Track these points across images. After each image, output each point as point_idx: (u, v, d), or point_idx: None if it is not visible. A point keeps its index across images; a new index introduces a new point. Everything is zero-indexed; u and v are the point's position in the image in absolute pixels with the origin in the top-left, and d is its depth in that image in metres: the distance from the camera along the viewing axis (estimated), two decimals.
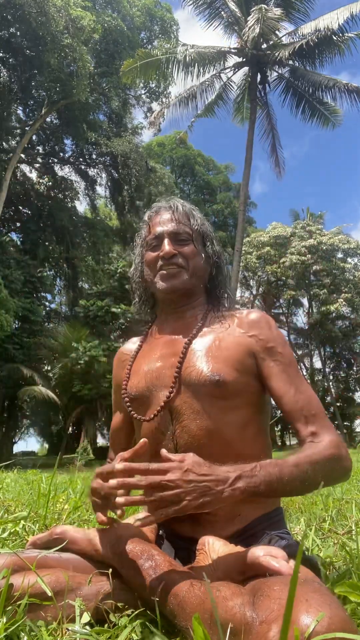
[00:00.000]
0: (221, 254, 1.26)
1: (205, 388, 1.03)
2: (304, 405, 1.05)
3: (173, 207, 1.21)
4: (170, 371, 1.08)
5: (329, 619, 0.62)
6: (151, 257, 1.18)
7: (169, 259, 1.14)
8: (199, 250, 1.19)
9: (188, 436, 1.04)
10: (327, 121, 16.18)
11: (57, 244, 25.43)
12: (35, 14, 17.18)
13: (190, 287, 1.17)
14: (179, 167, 37.11)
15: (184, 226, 1.18)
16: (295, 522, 2.04)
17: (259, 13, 13.23)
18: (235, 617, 0.71)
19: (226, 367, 1.05)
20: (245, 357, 1.08)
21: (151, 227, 1.21)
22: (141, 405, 1.12)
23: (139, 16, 25.09)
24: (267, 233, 27.49)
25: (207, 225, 1.25)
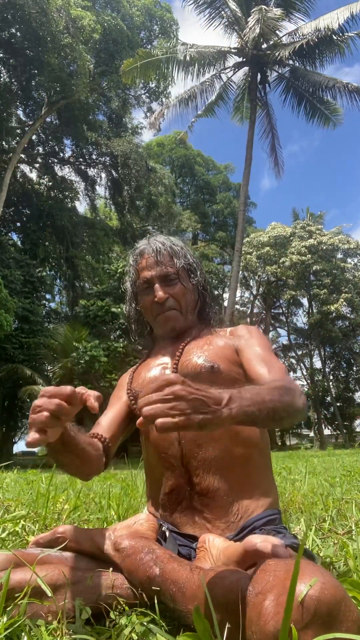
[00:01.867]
0: (206, 282, 1.37)
1: (202, 375, 1.12)
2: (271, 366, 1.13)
3: (156, 249, 1.29)
4: (168, 369, 1.20)
5: (321, 584, 0.65)
6: (147, 302, 1.29)
7: (162, 304, 1.26)
8: (187, 286, 1.30)
9: None
10: (327, 121, 16.19)
11: (57, 244, 25.41)
12: (35, 14, 17.17)
13: (186, 325, 1.30)
14: (179, 167, 37.09)
15: (170, 268, 1.27)
16: (295, 522, 2.04)
17: (259, 13, 13.24)
18: (232, 592, 0.74)
19: (218, 358, 1.17)
20: (232, 351, 1.20)
21: (139, 272, 1.30)
22: None
23: (139, 16, 25.08)
24: (267, 233, 27.50)
25: (189, 256, 1.34)
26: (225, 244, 34.74)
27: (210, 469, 1.06)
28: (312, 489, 3.12)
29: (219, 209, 36.91)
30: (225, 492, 1.05)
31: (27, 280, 21.29)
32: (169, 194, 26.21)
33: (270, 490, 1.14)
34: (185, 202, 37.66)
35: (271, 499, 1.12)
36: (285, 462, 6.78)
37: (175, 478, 1.10)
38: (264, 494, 1.10)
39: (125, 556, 0.95)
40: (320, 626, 0.63)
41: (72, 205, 26.93)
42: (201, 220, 35.10)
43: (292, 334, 31.28)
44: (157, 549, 0.94)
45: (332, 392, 28.47)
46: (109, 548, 0.99)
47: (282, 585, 0.68)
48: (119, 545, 0.97)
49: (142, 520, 1.09)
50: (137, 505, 2.36)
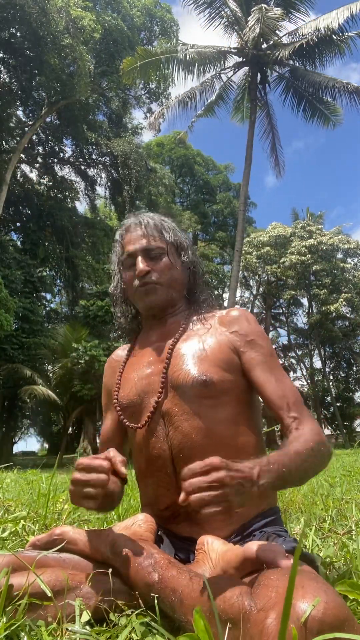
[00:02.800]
0: (197, 261, 1.29)
1: (194, 389, 1.06)
2: (285, 393, 1.07)
3: (143, 222, 1.23)
4: (157, 377, 1.12)
5: (324, 604, 0.64)
6: (129, 277, 1.22)
7: (144, 277, 1.17)
8: (174, 262, 1.22)
9: (181, 436, 1.06)
10: (327, 121, 16.19)
11: (57, 244, 25.42)
12: (35, 15, 17.17)
13: (168, 300, 1.21)
14: (179, 167, 37.08)
15: (156, 241, 1.21)
16: (295, 522, 2.04)
17: (259, 13, 13.23)
18: (233, 606, 0.72)
19: (212, 367, 1.08)
20: (229, 354, 1.11)
21: (124, 246, 1.23)
22: (133, 413, 1.14)
23: (139, 16, 25.09)
24: (267, 233, 27.49)
25: (180, 234, 1.27)
26: (225, 244, 34.73)
27: None
28: (312, 489, 3.12)
29: (219, 209, 36.91)
30: None
31: (27, 280, 21.30)
32: (169, 194, 26.23)
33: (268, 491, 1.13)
34: (185, 202, 37.66)
35: (269, 499, 1.11)
36: None
37: (171, 496, 1.06)
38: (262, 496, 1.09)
39: (123, 560, 0.92)
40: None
41: (72, 205, 26.94)
42: (201, 220, 35.10)
43: (292, 334, 31.28)
44: (156, 553, 0.92)
45: (332, 392, 28.45)
46: (107, 550, 0.97)
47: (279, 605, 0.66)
48: (117, 549, 0.95)
49: (141, 521, 1.07)
50: (137, 505, 2.35)
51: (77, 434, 26.60)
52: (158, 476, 1.09)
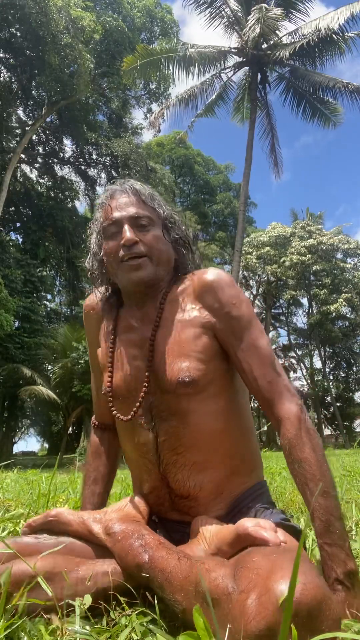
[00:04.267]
0: (187, 236, 1.18)
1: (179, 389, 1.03)
2: (259, 374, 1.03)
3: (130, 189, 1.13)
4: (142, 373, 1.07)
5: (302, 585, 0.66)
6: (111, 247, 1.09)
7: (130, 247, 1.07)
8: (161, 235, 1.12)
9: (167, 427, 1.05)
10: (327, 121, 16.20)
11: (58, 244, 25.42)
12: (35, 14, 17.17)
13: (155, 277, 1.11)
14: (179, 167, 37.09)
15: (144, 210, 1.10)
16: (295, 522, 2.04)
17: (259, 12, 13.22)
18: (218, 587, 0.74)
19: (193, 363, 1.03)
20: (205, 337, 1.05)
21: (107, 213, 1.12)
22: (121, 403, 1.12)
23: (140, 17, 25.10)
24: (267, 233, 27.49)
25: (168, 207, 1.18)
26: (225, 244, 34.73)
27: (191, 473, 1.03)
28: None
29: (219, 209, 36.91)
30: (208, 490, 1.03)
31: (28, 280, 21.30)
32: (169, 194, 26.18)
33: (254, 462, 1.12)
34: (185, 202, 37.66)
35: (256, 471, 1.12)
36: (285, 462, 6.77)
37: (153, 481, 1.07)
38: (249, 469, 1.09)
39: (115, 541, 0.94)
40: (300, 627, 0.63)
41: (72, 206, 26.94)
42: (201, 220, 35.10)
43: (292, 334, 31.27)
44: (146, 534, 0.94)
45: (332, 392, 28.45)
46: (100, 531, 0.99)
47: (263, 585, 0.68)
48: (110, 530, 0.97)
49: (133, 502, 1.09)
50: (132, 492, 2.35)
51: (77, 434, 26.58)
52: (142, 462, 1.09)
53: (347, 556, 0.89)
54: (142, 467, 1.09)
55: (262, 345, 1.05)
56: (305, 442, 0.96)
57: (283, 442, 1.00)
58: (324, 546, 0.90)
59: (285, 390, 1.02)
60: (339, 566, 0.87)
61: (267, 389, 1.02)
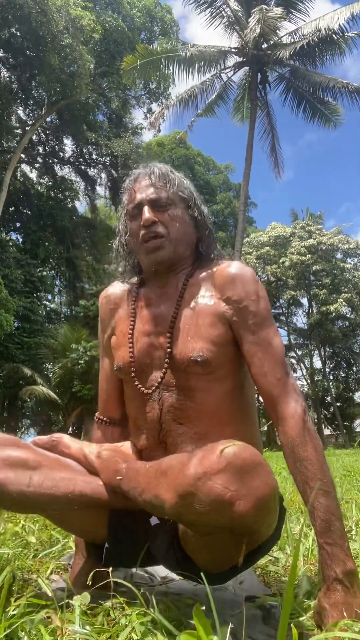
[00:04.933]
0: (206, 215, 1.22)
1: (190, 367, 1.07)
2: (269, 369, 1.06)
3: (152, 172, 1.18)
4: (158, 350, 1.12)
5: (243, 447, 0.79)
6: (133, 227, 1.16)
7: (149, 227, 1.12)
8: (182, 214, 1.17)
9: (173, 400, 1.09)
10: (328, 121, 16.20)
11: (57, 244, 25.42)
12: (35, 14, 17.17)
13: (175, 256, 1.15)
14: (179, 167, 37.06)
15: (163, 191, 1.15)
16: (295, 522, 2.04)
17: (259, 13, 13.22)
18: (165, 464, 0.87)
19: (207, 344, 1.06)
20: (221, 327, 1.09)
21: (130, 195, 1.18)
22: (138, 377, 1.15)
23: (140, 17, 25.09)
24: (267, 233, 27.49)
25: (189, 187, 1.22)
26: (225, 244, 34.72)
27: (189, 444, 1.06)
28: None
29: (219, 209, 36.90)
30: None
31: (28, 279, 21.30)
32: None
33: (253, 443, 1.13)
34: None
35: None
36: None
37: (150, 445, 1.12)
38: None
39: (102, 460, 1.07)
40: (232, 474, 0.74)
41: (72, 206, 26.93)
42: None
43: (292, 334, 31.27)
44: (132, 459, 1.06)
45: (332, 392, 28.45)
46: (92, 456, 1.10)
47: (210, 450, 0.79)
48: (101, 454, 1.10)
49: (125, 445, 1.17)
50: None
51: (77, 434, 26.58)
52: (145, 426, 1.13)
53: (347, 556, 0.89)
54: (141, 432, 1.14)
55: (276, 343, 1.09)
56: (307, 442, 0.98)
57: (285, 440, 1.01)
58: (324, 545, 0.91)
59: (292, 390, 1.05)
60: (339, 565, 0.88)
61: (274, 385, 1.05)
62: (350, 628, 0.78)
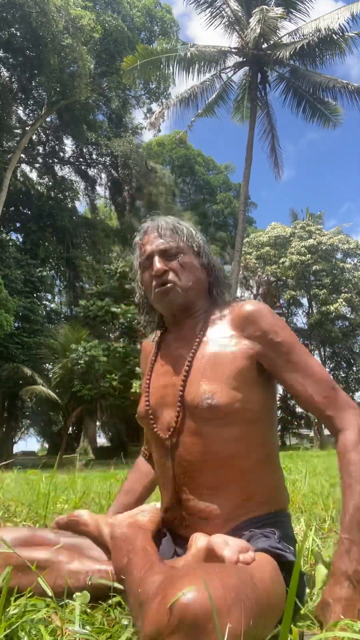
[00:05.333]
0: (215, 261, 1.28)
1: (200, 410, 1.05)
2: (314, 391, 1.06)
3: (159, 224, 1.24)
4: (173, 391, 1.11)
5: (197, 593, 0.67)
6: (146, 278, 1.22)
7: (161, 277, 1.16)
8: (191, 262, 1.21)
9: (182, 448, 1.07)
10: (327, 121, 16.19)
11: (57, 244, 25.42)
12: (35, 14, 17.17)
13: (187, 301, 1.18)
14: (179, 167, 37.09)
15: (172, 241, 1.20)
16: (295, 522, 2.04)
17: (260, 13, 13.22)
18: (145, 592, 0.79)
19: (220, 387, 1.05)
20: (244, 365, 1.07)
21: (141, 248, 1.24)
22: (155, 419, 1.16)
23: (139, 17, 25.10)
24: (267, 233, 27.49)
25: (196, 235, 1.26)
26: (225, 244, 34.74)
27: (202, 496, 1.03)
28: (312, 489, 3.11)
29: (219, 209, 36.92)
30: (218, 514, 1.03)
31: (28, 279, 21.31)
32: (169, 194, 26.22)
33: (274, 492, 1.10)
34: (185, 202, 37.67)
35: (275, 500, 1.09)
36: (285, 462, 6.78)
37: (169, 498, 1.10)
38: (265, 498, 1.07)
39: (114, 544, 1.02)
40: (185, 634, 0.65)
41: (72, 206, 26.95)
42: (201, 220, 35.09)
43: None
44: (140, 540, 0.98)
45: None
46: (107, 535, 1.08)
47: (167, 590, 0.70)
48: (114, 533, 1.05)
49: (145, 511, 1.12)
50: None
51: (77, 434, 26.61)
52: (162, 479, 1.13)
53: None
54: (162, 483, 1.14)
55: (313, 364, 1.09)
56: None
57: (340, 447, 1.03)
58: (344, 540, 0.92)
59: (344, 404, 1.06)
60: (352, 562, 0.89)
61: (324, 404, 1.05)
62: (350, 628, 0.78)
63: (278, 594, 0.82)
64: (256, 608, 0.72)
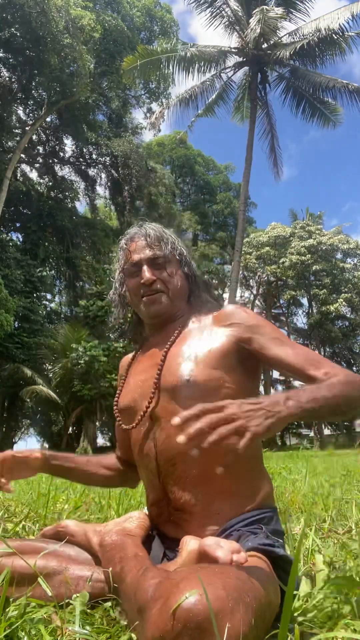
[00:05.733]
0: (195, 270, 1.32)
1: (179, 390, 1.06)
2: (307, 356, 1.07)
3: (146, 233, 1.27)
4: (151, 382, 1.13)
5: (198, 596, 0.66)
6: (133, 284, 1.24)
7: (150, 286, 1.20)
8: (176, 271, 1.25)
9: (165, 436, 1.07)
10: (327, 121, 16.20)
11: (57, 244, 25.42)
12: (35, 14, 17.17)
13: (172, 308, 1.23)
14: (179, 167, 37.09)
15: (159, 251, 1.24)
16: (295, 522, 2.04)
17: (260, 13, 13.22)
18: (142, 596, 0.78)
19: (199, 367, 1.08)
20: (226, 349, 1.10)
21: (129, 255, 1.27)
22: (129, 416, 1.18)
23: (139, 16, 25.10)
24: (267, 233, 27.50)
25: (179, 244, 1.30)
26: (225, 244, 34.74)
27: (187, 486, 1.03)
28: (312, 489, 3.12)
29: (219, 209, 36.91)
30: (202, 507, 1.03)
31: (28, 280, 21.31)
32: (169, 194, 26.22)
33: (259, 487, 1.09)
34: (185, 202, 37.67)
35: (260, 496, 1.08)
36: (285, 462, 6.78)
37: (155, 492, 1.10)
38: (250, 493, 1.07)
39: (104, 552, 1.01)
40: (190, 638, 0.65)
41: (72, 206, 26.95)
42: (201, 220, 35.10)
43: (292, 334, 31.27)
44: (130, 547, 0.97)
45: None
46: (96, 543, 1.07)
47: (168, 594, 0.70)
48: (103, 542, 1.04)
49: (133, 518, 1.12)
50: (137, 505, 2.36)
51: (77, 434, 26.57)
52: (146, 474, 1.13)
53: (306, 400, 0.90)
54: (147, 478, 1.14)
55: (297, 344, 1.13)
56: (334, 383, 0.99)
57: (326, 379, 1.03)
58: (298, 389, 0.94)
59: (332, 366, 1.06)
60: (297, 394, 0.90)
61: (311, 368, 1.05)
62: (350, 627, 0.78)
63: (273, 591, 0.82)
64: (256, 607, 0.72)
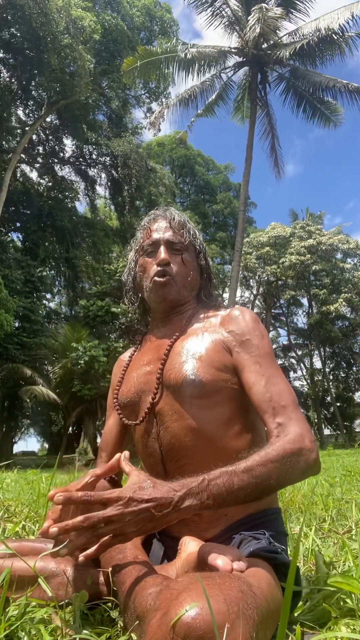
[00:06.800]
0: (210, 266, 1.31)
1: (184, 389, 1.05)
2: (274, 396, 1.00)
3: (170, 216, 1.26)
4: (154, 376, 1.12)
5: (199, 610, 0.64)
6: (146, 262, 1.22)
7: (163, 266, 1.18)
8: (191, 261, 1.24)
9: (170, 436, 1.06)
10: (328, 121, 16.20)
11: (57, 244, 25.42)
12: (35, 15, 17.17)
13: (179, 297, 1.21)
14: (179, 167, 37.09)
15: (179, 236, 1.23)
16: (295, 522, 2.04)
17: (259, 12, 13.22)
18: (142, 604, 0.76)
19: (204, 366, 1.06)
20: (222, 354, 1.09)
21: (149, 233, 1.25)
22: (132, 412, 1.17)
23: (139, 16, 25.08)
24: (267, 233, 27.50)
25: (199, 237, 1.29)
26: (225, 244, 34.74)
27: None
28: (312, 489, 3.12)
29: (219, 209, 36.91)
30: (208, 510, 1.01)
31: (28, 280, 21.30)
32: (169, 194, 26.19)
33: None
34: (185, 202, 37.66)
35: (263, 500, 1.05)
36: None
37: None
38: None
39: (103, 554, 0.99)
40: None
41: (72, 206, 26.94)
42: (201, 220, 35.08)
43: (292, 334, 31.28)
44: (129, 548, 0.96)
45: (332, 392, 28.46)
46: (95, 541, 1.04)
47: (168, 605, 0.68)
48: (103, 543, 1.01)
49: None
50: None
51: (77, 434, 26.57)
52: (152, 473, 1.10)
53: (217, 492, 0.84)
54: None
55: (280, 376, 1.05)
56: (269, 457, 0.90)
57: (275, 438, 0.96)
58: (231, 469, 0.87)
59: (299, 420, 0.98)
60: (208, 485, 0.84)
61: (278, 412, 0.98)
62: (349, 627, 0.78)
63: (276, 599, 0.81)
64: (257, 618, 0.70)
